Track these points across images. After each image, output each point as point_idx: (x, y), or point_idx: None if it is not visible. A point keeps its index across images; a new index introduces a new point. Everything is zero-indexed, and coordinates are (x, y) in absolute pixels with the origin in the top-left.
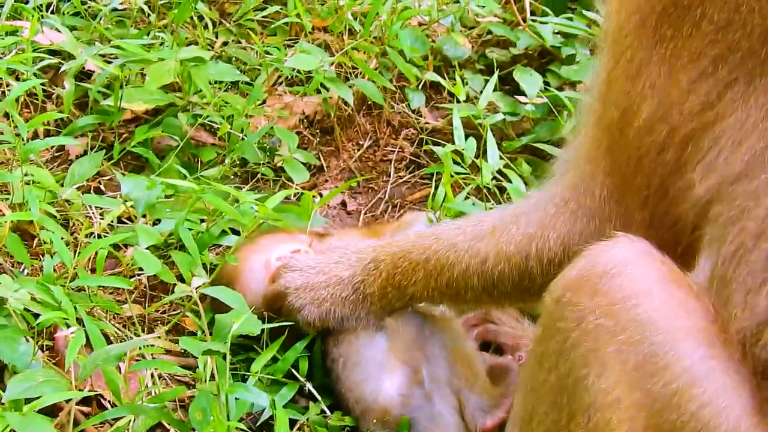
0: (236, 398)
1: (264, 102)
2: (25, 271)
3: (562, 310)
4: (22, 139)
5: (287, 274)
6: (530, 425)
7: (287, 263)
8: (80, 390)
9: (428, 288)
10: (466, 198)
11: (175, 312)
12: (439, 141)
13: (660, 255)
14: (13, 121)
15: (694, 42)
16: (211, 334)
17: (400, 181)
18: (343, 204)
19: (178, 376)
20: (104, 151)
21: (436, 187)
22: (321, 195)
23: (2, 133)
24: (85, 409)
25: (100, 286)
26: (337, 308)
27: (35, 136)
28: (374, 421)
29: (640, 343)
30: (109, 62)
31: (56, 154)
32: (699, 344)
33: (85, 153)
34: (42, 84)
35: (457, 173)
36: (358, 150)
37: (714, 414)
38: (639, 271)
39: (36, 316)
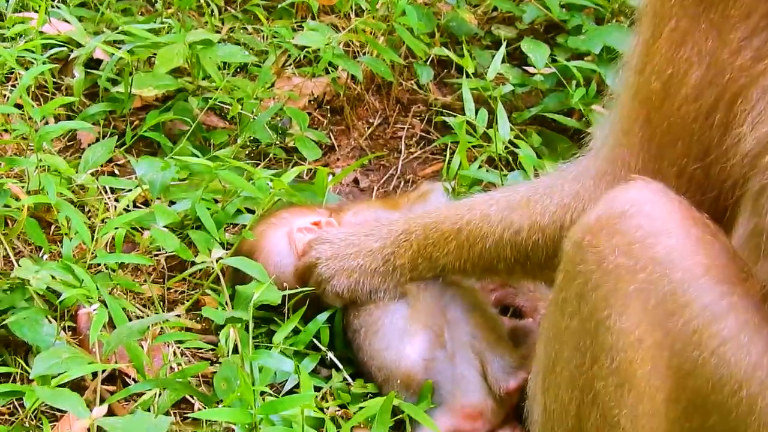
0: (260, 367)
1: (273, 85)
2: (45, 257)
3: (582, 253)
4: (36, 122)
5: (318, 246)
6: (554, 372)
7: (318, 236)
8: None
9: (461, 259)
10: (479, 168)
11: (195, 291)
12: (450, 114)
13: (676, 195)
14: (25, 110)
15: (744, 1)
16: (232, 308)
17: (411, 157)
18: (356, 181)
19: (200, 352)
20: (117, 137)
21: (449, 161)
22: (333, 174)
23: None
24: (110, 387)
25: (119, 265)
26: (366, 279)
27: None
28: (398, 382)
29: (659, 282)
30: (119, 48)
31: (68, 144)
32: (718, 281)
33: (97, 141)
34: (52, 74)
35: (470, 143)
36: (369, 128)
37: (735, 350)
38: (656, 211)
39: (58, 296)
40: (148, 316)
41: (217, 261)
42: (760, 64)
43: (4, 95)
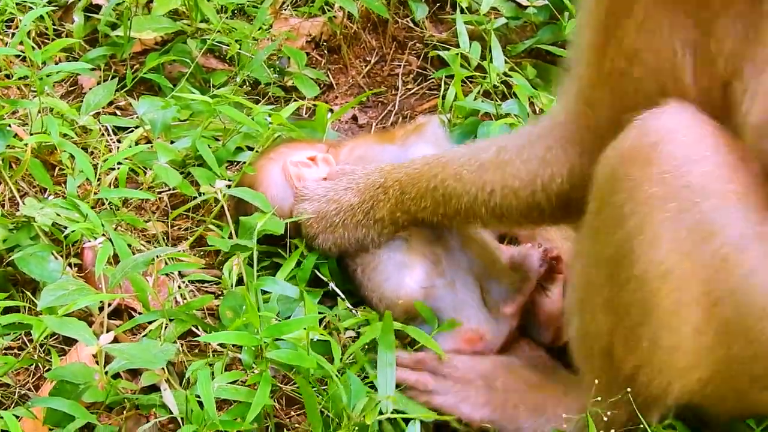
0: (265, 299)
1: (270, 26)
2: (49, 198)
3: (614, 182)
4: (38, 66)
5: (299, 205)
6: (588, 295)
7: (298, 193)
8: (110, 302)
9: (437, 214)
10: (475, 99)
11: (198, 228)
12: (446, 50)
13: (711, 120)
14: (27, 56)
15: None
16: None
17: (409, 93)
18: (354, 118)
19: (204, 286)
20: (117, 80)
21: (444, 94)
22: (332, 111)
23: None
24: (116, 322)
25: (123, 202)
26: (349, 233)
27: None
28: (400, 303)
29: (690, 210)
30: None
31: (70, 89)
32: (750, 209)
33: (98, 85)
34: (52, 21)
35: (464, 75)
36: (366, 66)
37: (765, 280)
38: (690, 138)
39: (63, 232)
40: None
41: (220, 191)
42: (748, 48)
43: (5, 42)
